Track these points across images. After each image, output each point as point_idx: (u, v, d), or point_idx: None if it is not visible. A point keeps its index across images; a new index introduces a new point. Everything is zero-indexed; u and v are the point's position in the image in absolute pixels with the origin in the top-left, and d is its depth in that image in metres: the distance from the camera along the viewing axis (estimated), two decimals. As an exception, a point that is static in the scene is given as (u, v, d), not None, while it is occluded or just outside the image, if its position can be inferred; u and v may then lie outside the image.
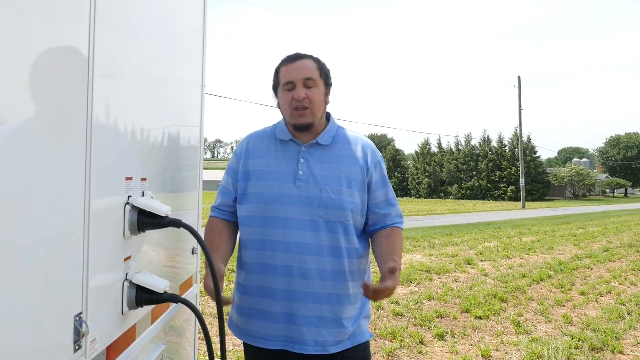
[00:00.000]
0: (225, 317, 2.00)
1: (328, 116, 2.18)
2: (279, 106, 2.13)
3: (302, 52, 2.14)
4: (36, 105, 1.10)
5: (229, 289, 7.42)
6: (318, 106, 2.05)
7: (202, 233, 1.93)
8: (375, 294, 1.93)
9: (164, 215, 1.64)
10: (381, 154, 2.21)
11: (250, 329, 2.10)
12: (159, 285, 1.63)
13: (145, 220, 1.63)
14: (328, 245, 2.01)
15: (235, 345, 4.70)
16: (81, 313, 1.28)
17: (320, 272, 2.00)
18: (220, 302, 1.75)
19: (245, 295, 2.12)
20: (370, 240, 2.19)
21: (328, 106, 2.16)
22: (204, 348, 3.85)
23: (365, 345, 2.16)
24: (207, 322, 3.57)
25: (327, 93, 2.12)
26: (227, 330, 2.13)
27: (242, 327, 2.13)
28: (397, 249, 2.10)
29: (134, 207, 1.60)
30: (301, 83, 2.03)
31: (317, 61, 2.11)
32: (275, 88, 2.13)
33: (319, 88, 2.06)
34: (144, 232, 1.66)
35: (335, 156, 2.09)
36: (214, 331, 4.46)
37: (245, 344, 2.18)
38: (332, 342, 2.03)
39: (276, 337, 2.04)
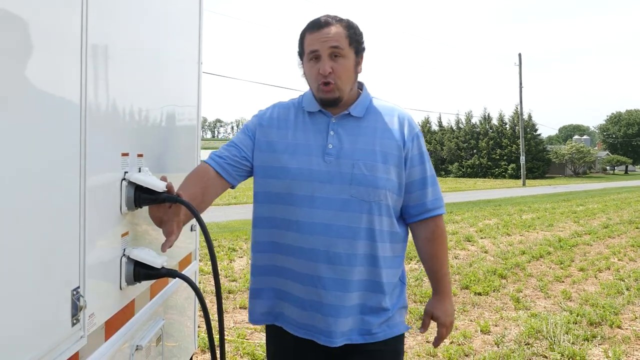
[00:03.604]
0: (229, 296, 1.97)
1: (360, 85, 1.94)
2: (304, 75, 1.90)
3: (331, 15, 1.86)
4: (30, 82, 1.09)
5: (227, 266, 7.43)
6: (346, 79, 1.82)
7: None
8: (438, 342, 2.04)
9: (161, 191, 1.63)
10: (419, 127, 1.98)
11: (276, 311, 1.91)
12: (157, 260, 1.64)
13: (142, 196, 1.62)
14: (359, 227, 1.79)
15: (236, 322, 4.73)
16: (78, 287, 1.28)
17: (349, 256, 1.79)
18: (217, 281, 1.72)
19: (266, 277, 1.91)
20: (409, 230, 1.99)
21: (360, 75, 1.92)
22: (205, 326, 3.87)
23: (398, 339, 1.94)
24: (207, 299, 3.58)
25: (358, 62, 1.88)
26: (227, 308, 2.11)
27: (266, 310, 1.93)
28: (443, 266, 2.01)
29: (130, 182, 1.60)
30: (327, 53, 1.78)
31: (346, 27, 1.83)
32: (301, 55, 1.89)
33: (346, 58, 1.81)
34: (141, 207, 1.66)
35: (369, 128, 1.86)
36: (214, 309, 4.49)
37: (267, 326, 1.99)
38: (360, 331, 1.85)
39: (302, 325, 1.85)
